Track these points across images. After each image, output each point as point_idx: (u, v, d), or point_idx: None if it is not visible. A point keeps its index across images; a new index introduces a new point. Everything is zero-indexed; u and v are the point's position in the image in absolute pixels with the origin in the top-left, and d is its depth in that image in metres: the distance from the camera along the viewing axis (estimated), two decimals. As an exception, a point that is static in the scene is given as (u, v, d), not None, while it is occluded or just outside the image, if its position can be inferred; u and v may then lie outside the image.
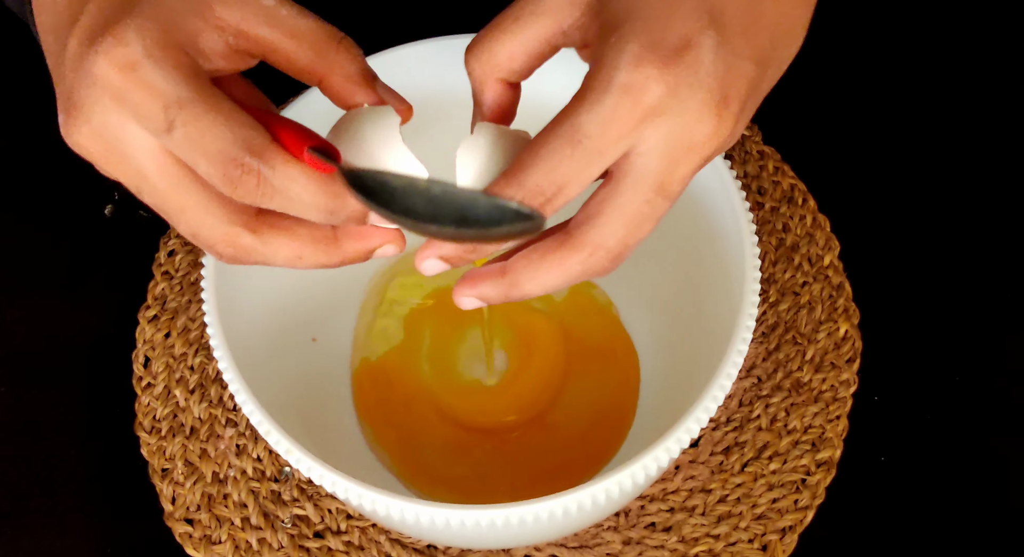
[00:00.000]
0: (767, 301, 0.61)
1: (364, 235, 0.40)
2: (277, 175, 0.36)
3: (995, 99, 0.68)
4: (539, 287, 0.38)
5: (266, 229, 0.38)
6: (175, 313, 0.61)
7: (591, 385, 0.58)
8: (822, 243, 0.62)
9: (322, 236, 0.39)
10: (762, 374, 0.58)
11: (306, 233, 0.39)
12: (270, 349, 0.52)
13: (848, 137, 0.66)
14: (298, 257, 0.39)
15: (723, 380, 0.44)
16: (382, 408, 0.58)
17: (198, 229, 0.38)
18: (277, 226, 0.39)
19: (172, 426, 0.58)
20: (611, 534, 0.55)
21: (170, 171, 0.37)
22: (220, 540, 0.55)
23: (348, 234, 0.40)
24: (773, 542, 0.54)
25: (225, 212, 0.38)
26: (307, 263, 0.39)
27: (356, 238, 0.40)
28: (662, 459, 0.43)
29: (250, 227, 0.38)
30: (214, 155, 0.36)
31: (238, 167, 0.36)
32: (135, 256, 0.63)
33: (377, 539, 0.55)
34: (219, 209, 0.38)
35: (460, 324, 0.60)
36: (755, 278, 0.47)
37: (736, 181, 0.49)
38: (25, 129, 0.68)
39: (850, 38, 0.70)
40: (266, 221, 0.39)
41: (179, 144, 0.36)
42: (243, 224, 0.38)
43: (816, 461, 0.56)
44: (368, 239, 0.40)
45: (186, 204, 0.38)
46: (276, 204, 0.37)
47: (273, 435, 0.44)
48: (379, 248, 0.41)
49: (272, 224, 0.39)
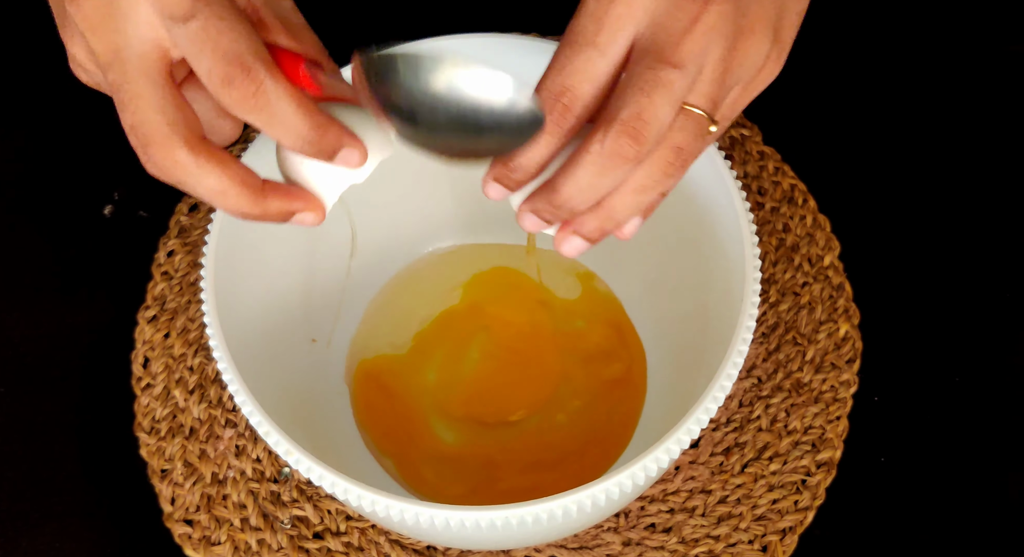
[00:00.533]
0: (767, 301, 0.60)
1: (290, 195, 0.41)
2: (274, 90, 0.37)
3: (995, 99, 0.68)
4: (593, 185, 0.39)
5: (203, 152, 0.39)
6: (174, 314, 0.61)
7: (597, 385, 0.58)
8: (822, 243, 0.62)
9: (252, 182, 0.40)
10: (762, 374, 0.58)
11: (238, 173, 0.39)
12: (270, 350, 0.51)
13: (848, 137, 0.66)
14: (222, 192, 0.39)
15: (723, 381, 0.44)
16: (381, 409, 0.58)
17: (142, 123, 0.38)
18: (215, 155, 0.39)
19: (171, 427, 0.58)
20: (611, 535, 0.55)
21: (150, 58, 0.38)
22: (219, 541, 0.55)
23: (275, 190, 0.40)
24: (773, 543, 0.54)
25: (176, 117, 0.38)
26: (228, 203, 0.40)
27: (282, 196, 0.41)
28: (662, 460, 0.43)
29: (190, 143, 0.38)
30: (223, 53, 0.37)
31: (243, 70, 0.37)
32: (134, 256, 0.63)
33: (377, 540, 0.55)
34: (173, 112, 0.38)
35: (466, 336, 0.60)
36: (755, 278, 0.47)
37: (736, 181, 0.49)
38: (25, 129, 0.68)
39: (850, 38, 0.70)
40: (207, 147, 0.39)
41: (191, 35, 0.37)
42: (184, 136, 0.38)
43: (816, 462, 0.56)
44: (292, 200, 0.41)
45: (144, 94, 0.38)
46: (259, 118, 0.38)
47: (273, 436, 0.44)
48: (299, 213, 0.41)
49: (211, 151, 0.39)
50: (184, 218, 0.64)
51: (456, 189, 0.60)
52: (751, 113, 0.67)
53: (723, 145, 0.65)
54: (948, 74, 0.68)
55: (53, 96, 0.69)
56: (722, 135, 0.65)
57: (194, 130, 0.39)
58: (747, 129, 0.66)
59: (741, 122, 0.66)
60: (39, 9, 0.72)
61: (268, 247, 0.53)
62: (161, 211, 0.65)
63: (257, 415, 0.45)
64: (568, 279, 0.61)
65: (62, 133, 0.68)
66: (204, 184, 0.39)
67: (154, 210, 0.65)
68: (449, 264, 0.62)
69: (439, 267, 0.62)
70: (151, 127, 0.38)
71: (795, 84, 0.69)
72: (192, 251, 0.63)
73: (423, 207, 0.61)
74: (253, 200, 0.40)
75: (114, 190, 0.65)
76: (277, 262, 0.54)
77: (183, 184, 0.39)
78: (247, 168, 0.40)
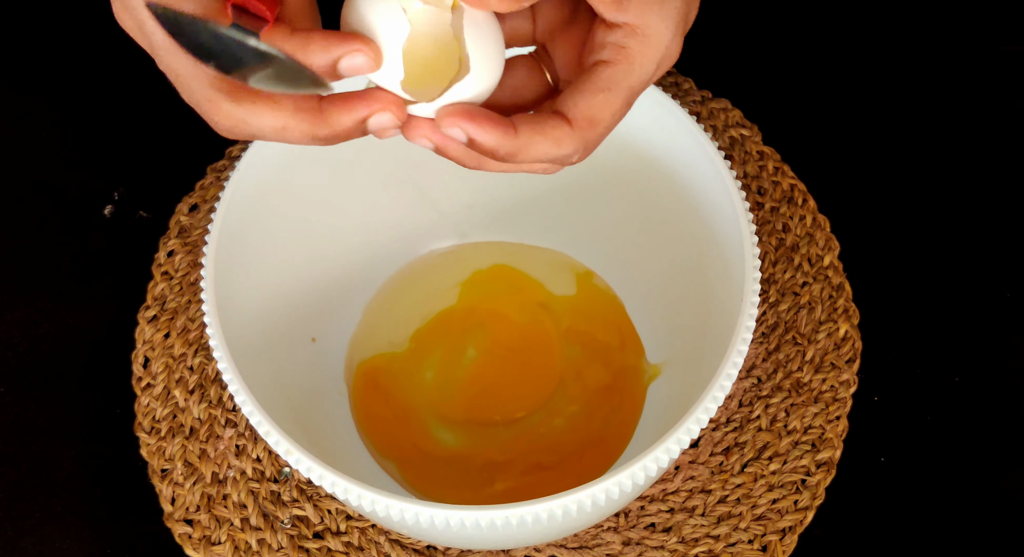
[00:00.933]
0: (767, 301, 0.61)
1: (348, 102, 0.39)
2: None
3: (995, 99, 0.68)
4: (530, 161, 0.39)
5: (246, 97, 0.38)
6: (175, 313, 0.61)
7: (597, 384, 0.58)
8: (822, 243, 0.62)
9: (306, 106, 0.39)
10: (762, 374, 0.58)
11: (289, 103, 0.38)
12: (270, 349, 0.51)
13: (848, 137, 0.66)
14: (283, 128, 0.39)
15: (723, 380, 0.44)
16: (380, 415, 0.58)
17: (189, 94, 0.39)
18: (258, 95, 0.38)
19: (172, 427, 0.58)
20: (611, 535, 0.55)
21: None
22: (219, 541, 0.55)
23: (332, 102, 0.39)
24: (773, 542, 0.54)
25: (208, 77, 0.38)
26: (295, 135, 0.39)
27: (340, 105, 0.39)
28: (662, 459, 0.43)
29: (231, 95, 0.38)
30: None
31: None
32: (135, 256, 0.63)
33: (377, 540, 0.55)
34: (202, 73, 0.38)
35: (464, 335, 0.60)
36: (755, 278, 0.47)
37: (736, 181, 0.49)
38: (25, 129, 0.68)
39: (850, 38, 0.70)
40: (248, 91, 0.38)
41: None
42: (225, 90, 0.38)
43: (816, 461, 0.56)
44: (353, 106, 0.39)
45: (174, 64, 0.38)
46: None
47: (273, 435, 0.44)
48: (372, 117, 0.39)
49: (256, 95, 0.38)
50: (184, 218, 0.64)
51: (455, 189, 0.60)
52: (751, 113, 0.67)
53: (723, 145, 0.65)
54: (949, 74, 0.69)
55: (53, 96, 0.69)
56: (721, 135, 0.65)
57: (232, 80, 0.38)
58: (747, 129, 0.66)
59: (741, 122, 0.66)
60: (39, 9, 0.72)
61: (268, 247, 0.53)
62: (161, 211, 0.65)
63: (257, 415, 0.45)
64: (567, 278, 0.61)
65: (62, 133, 0.68)
66: (265, 127, 0.39)
67: (154, 210, 0.65)
68: (448, 263, 0.62)
69: (438, 266, 0.62)
70: (195, 94, 0.38)
71: (794, 84, 0.69)
72: (192, 251, 0.63)
73: (422, 207, 0.61)
74: (315, 123, 0.39)
75: (114, 190, 0.66)
76: (277, 262, 0.54)
77: (251, 135, 0.39)
78: (299, 95, 0.38)
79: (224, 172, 0.66)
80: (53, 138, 0.68)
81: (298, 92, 0.37)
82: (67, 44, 0.71)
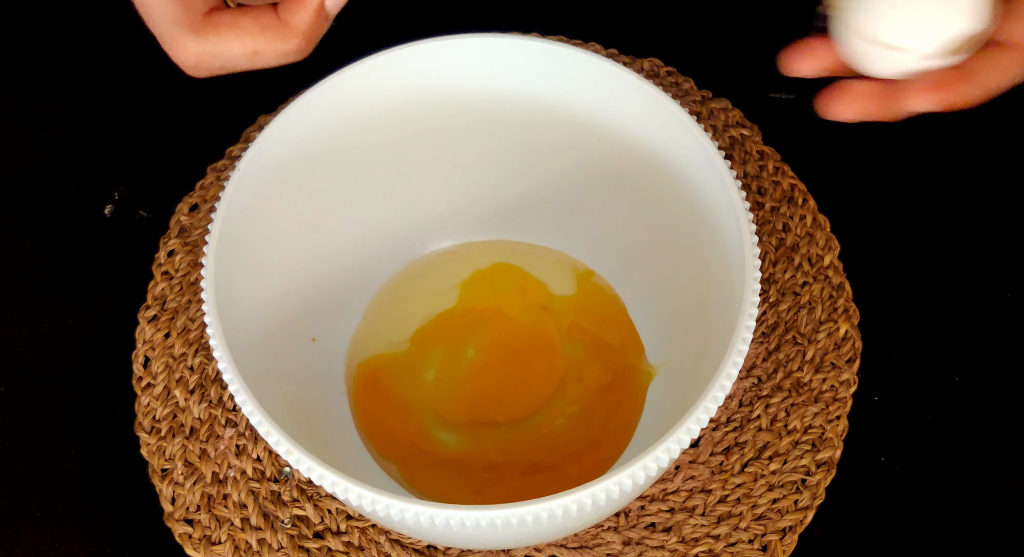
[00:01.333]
0: (767, 301, 0.61)
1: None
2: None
3: (995, 99, 0.68)
4: None
5: (210, 29, 0.38)
6: (175, 313, 0.61)
7: (597, 384, 0.58)
8: (822, 243, 0.62)
9: (268, 22, 0.39)
10: (762, 374, 0.58)
11: (251, 23, 0.39)
12: (270, 349, 0.51)
13: (848, 137, 0.66)
14: (254, 52, 0.39)
15: (723, 380, 0.44)
16: (381, 417, 0.58)
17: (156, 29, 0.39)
18: (220, 24, 0.38)
19: (172, 426, 0.58)
20: (611, 534, 0.55)
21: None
22: (220, 541, 0.55)
23: (287, 8, 0.39)
24: (773, 542, 0.54)
25: (171, 11, 0.38)
26: (267, 56, 0.39)
27: (294, 4, 0.39)
28: (662, 459, 0.43)
29: (194, 29, 0.38)
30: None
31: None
32: (135, 256, 0.63)
33: (377, 540, 0.55)
34: (166, 8, 0.38)
35: (464, 334, 0.60)
36: (755, 278, 0.47)
37: (736, 181, 0.49)
38: (25, 129, 0.68)
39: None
40: (209, 24, 0.38)
41: None
42: (187, 25, 0.38)
43: (816, 461, 0.56)
44: None
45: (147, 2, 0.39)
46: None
47: (273, 435, 0.44)
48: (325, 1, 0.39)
49: (216, 23, 0.38)
50: (184, 218, 0.64)
51: (455, 188, 0.60)
52: (751, 113, 0.67)
53: (723, 145, 0.65)
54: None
55: (53, 96, 0.69)
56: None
57: (195, 13, 0.38)
58: (747, 129, 0.66)
59: (741, 122, 0.66)
60: (40, 10, 0.72)
61: (268, 247, 0.53)
62: (161, 211, 0.65)
63: (257, 415, 0.45)
64: (568, 277, 0.61)
65: (63, 133, 0.68)
66: (234, 54, 0.39)
67: (154, 210, 0.65)
68: (448, 263, 0.62)
69: (438, 266, 0.62)
70: (156, 29, 0.38)
71: (794, 84, 0.69)
72: (192, 251, 0.63)
73: (422, 207, 0.61)
74: (283, 35, 0.39)
75: (114, 190, 0.66)
76: (277, 262, 0.54)
77: (220, 67, 0.39)
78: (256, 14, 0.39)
79: (224, 172, 0.66)
80: (53, 138, 0.68)
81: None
82: (67, 44, 0.71)
